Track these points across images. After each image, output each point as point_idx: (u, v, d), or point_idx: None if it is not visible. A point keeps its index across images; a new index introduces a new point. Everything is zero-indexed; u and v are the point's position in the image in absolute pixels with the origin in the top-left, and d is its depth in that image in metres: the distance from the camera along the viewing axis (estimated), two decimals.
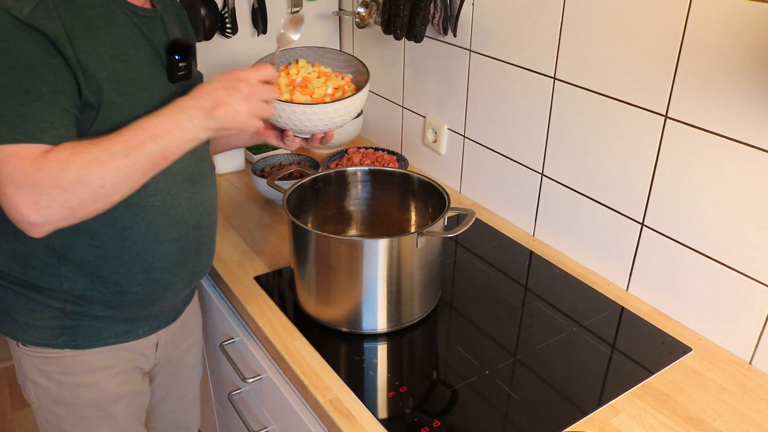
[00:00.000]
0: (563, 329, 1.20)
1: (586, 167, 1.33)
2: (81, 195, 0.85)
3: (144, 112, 0.97)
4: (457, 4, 1.46)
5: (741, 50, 1.00)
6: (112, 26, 0.96)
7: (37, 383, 1.13)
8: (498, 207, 1.60)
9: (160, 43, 1.04)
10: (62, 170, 0.84)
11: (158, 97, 1.01)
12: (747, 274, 1.09)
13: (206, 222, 1.14)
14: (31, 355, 1.10)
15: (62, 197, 0.84)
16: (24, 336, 1.08)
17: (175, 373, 1.33)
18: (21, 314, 1.07)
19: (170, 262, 1.09)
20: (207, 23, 1.71)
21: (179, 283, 1.13)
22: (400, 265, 1.13)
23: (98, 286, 1.05)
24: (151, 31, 1.03)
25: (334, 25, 1.99)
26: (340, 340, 1.17)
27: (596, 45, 1.23)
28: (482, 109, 1.55)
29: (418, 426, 0.98)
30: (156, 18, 1.05)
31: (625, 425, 0.99)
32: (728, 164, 1.07)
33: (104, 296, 1.06)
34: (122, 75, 0.96)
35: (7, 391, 2.46)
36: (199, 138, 0.93)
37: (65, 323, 1.07)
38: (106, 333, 1.11)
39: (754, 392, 1.06)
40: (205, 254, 1.17)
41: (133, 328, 1.14)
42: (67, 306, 1.06)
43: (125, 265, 1.04)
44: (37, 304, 1.06)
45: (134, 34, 1.00)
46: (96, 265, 1.03)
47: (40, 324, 1.07)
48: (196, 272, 1.16)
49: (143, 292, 1.08)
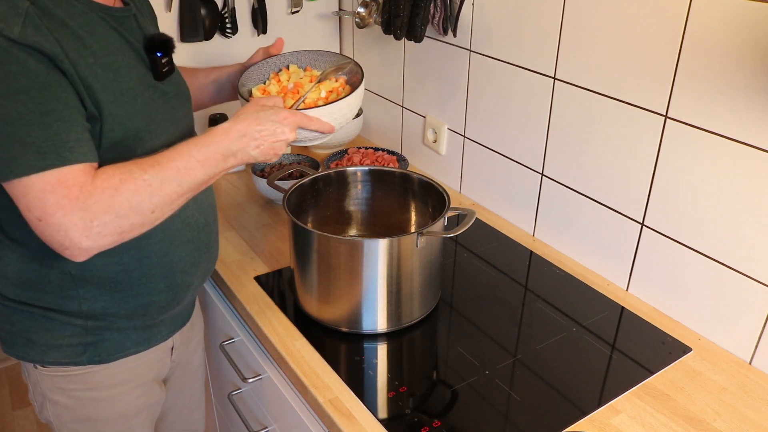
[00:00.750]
0: (563, 329, 1.20)
1: (586, 167, 1.33)
2: (132, 220, 0.87)
3: (140, 120, 0.96)
4: (457, 4, 1.46)
5: (741, 50, 1.00)
6: (95, 35, 0.92)
7: (57, 402, 1.10)
8: (498, 207, 1.60)
9: (139, 42, 1.00)
10: (113, 197, 0.85)
11: (150, 100, 0.99)
12: (747, 274, 1.09)
13: (212, 218, 1.15)
14: (51, 376, 1.07)
15: (114, 223, 0.85)
16: (44, 357, 1.05)
17: (183, 375, 1.32)
18: (39, 335, 1.04)
19: (188, 264, 1.09)
20: (207, 23, 1.71)
21: (197, 282, 1.14)
22: (400, 265, 1.13)
23: (119, 301, 1.04)
24: (128, 31, 0.99)
25: (334, 25, 1.99)
26: (340, 340, 1.17)
27: (596, 45, 1.23)
28: (482, 109, 1.55)
29: (418, 426, 0.98)
30: (130, 16, 1.01)
31: (625, 425, 0.99)
32: (728, 164, 1.07)
33: (127, 310, 1.05)
34: (115, 85, 0.93)
35: (7, 391, 2.46)
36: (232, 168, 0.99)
37: (87, 339, 1.05)
38: (128, 343, 1.09)
39: (754, 392, 1.06)
40: (214, 249, 1.18)
41: (153, 335, 1.13)
42: (88, 322, 1.04)
43: (146, 275, 1.03)
44: (56, 323, 1.03)
45: (116, 39, 0.96)
46: (116, 281, 1.02)
47: (61, 343, 1.04)
48: (209, 268, 1.17)
49: (166, 298, 1.08)
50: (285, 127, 1.00)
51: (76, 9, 0.91)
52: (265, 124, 0.99)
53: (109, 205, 0.84)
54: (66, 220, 0.83)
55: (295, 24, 1.90)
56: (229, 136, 0.96)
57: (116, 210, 0.85)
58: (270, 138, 0.99)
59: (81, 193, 0.83)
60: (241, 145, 0.97)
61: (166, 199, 0.90)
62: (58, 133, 0.83)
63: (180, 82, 1.11)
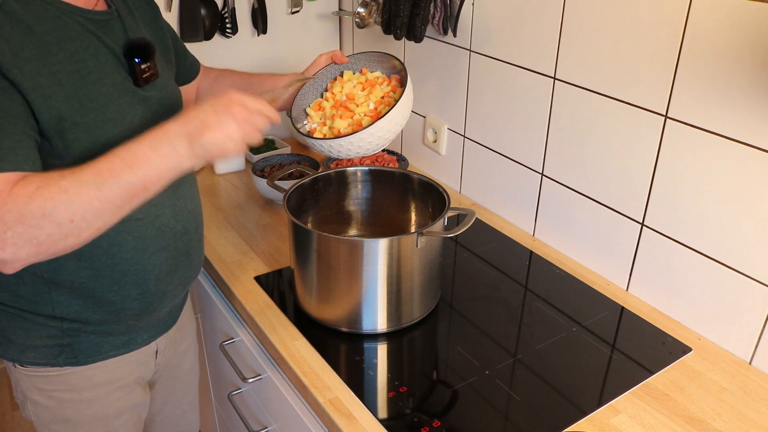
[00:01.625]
0: (563, 329, 1.20)
1: (586, 167, 1.33)
2: (47, 230, 0.78)
3: (113, 127, 0.92)
4: (457, 4, 1.46)
5: (741, 50, 1.00)
6: (65, 41, 0.88)
7: (36, 402, 1.10)
8: (498, 207, 1.60)
9: (120, 46, 0.97)
10: (26, 205, 0.77)
11: (126, 107, 0.96)
12: (747, 274, 1.09)
13: (192, 225, 1.11)
14: (30, 375, 1.07)
15: (28, 234, 0.77)
16: (21, 357, 1.05)
17: (173, 377, 1.32)
18: (17, 335, 1.04)
19: (162, 272, 1.06)
20: (207, 23, 1.71)
21: (173, 291, 1.12)
22: (400, 265, 1.13)
23: (92, 306, 1.02)
24: (108, 35, 0.95)
25: (334, 25, 1.99)
26: (340, 340, 1.17)
27: (596, 45, 1.23)
28: (482, 109, 1.55)
29: (418, 426, 0.98)
30: (113, 19, 0.97)
31: (625, 425, 0.99)
32: (728, 164, 1.07)
33: (100, 315, 1.04)
34: (83, 92, 0.89)
35: (7, 391, 2.46)
36: (182, 167, 0.85)
37: (63, 341, 1.04)
38: (106, 346, 1.08)
39: (754, 392, 1.06)
40: (196, 257, 1.15)
41: (131, 339, 1.12)
42: (64, 324, 1.03)
43: (117, 283, 1.01)
44: (33, 324, 1.03)
45: (91, 44, 0.92)
46: (88, 287, 1.00)
47: (38, 344, 1.04)
48: (188, 276, 1.15)
49: (139, 306, 1.06)
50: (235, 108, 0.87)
51: (48, 12, 0.88)
52: (213, 106, 0.87)
53: (20, 213, 0.77)
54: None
55: (295, 24, 1.90)
56: (166, 126, 0.85)
57: (28, 219, 0.77)
58: (216, 122, 0.85)
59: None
60: (178, 131, 0.84)
61: (86, 207, 0.79)
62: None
63: (167, 87, 1.07)
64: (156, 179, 0.84)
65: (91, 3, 0.96)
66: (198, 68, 1.32)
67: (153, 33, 1.10)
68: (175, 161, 0.84)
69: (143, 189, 0.83)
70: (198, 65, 1.32)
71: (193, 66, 1.30)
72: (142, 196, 0.84)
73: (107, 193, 0.80)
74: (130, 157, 0.82)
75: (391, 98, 1.18)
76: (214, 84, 1.32)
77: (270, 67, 1.89)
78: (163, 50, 1.13)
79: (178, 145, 0.84)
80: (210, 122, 0.85)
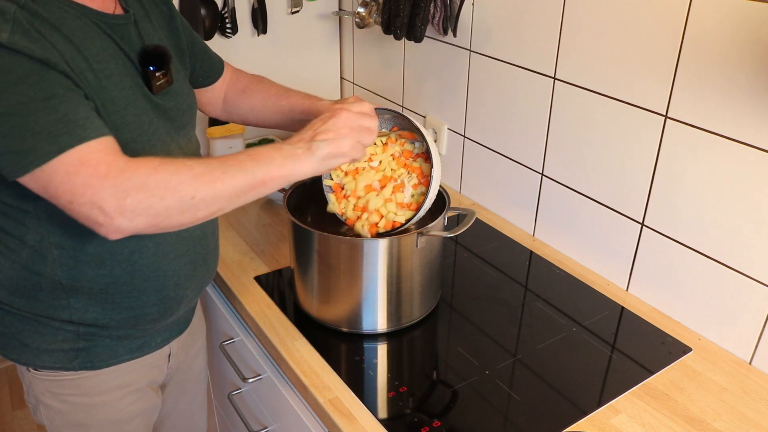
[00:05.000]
0: (563, 329, 1.20)
1: (586, 167, 1.33)
2: (168, 202, 0.81)
3: (131, 130, 0.93)
4: (457, 4, 1.46)
5: (741, 50, 1.00)
6: (88, 41, 0.89)
7: (49, 406, 1.09)
8: (498, 207, 1.60)
9: (135, 51, 0.97)
10: (149, 175, 0.80)
11: (141, 112, 0.96)
12: (747, 274, 1.09)
13: (210, 230, 1.12)
14: (43, 379, 1.06)
15: (146, 203, 0.80)
16: (36, 361, 1.04)
17: (184, 380, 1.31)
18: (31, 339, 1.03)
19: (181, 277, 1.06)
20: (207, 23, 1.71)
21: (191, 295, 1.12)
22: (400, 265, 1.13)
23: (110, 312, 1.02)
24: (124, 39, 0.96)
25: (334, 25, 1.99)
26: (340, 340, 1.17)
27: (596, 45, 1.23)
28: (482, 109, 1.55)
29: (418, 426, 0.98)
30: (129, 24, 0.98)
31: (625, 425, 0.99)
32: (728, 164, 1.07)
33: (118, 321, 1.03)
34: (106, 93, 0.90)
35: (7, 391, 2.46)
36: (302, 170, 0.92)
37: (79, 345, 1.04)
38: (121, 350, 1.08)
39: (754, 392, 1.06)
40: (212, 261, 1.16)
41: (146, 343, 1.11)
42: (80, 328, 1.03)
43: (137, 289, 1.01)
44: (49, 329, 1.02)
45: (110, 47, 0.93)
46: (107, 293, 1.00)
47: (53, 348, 1.03)
48: (205, 280, 1.15)
49: (157, 311, 1.06)
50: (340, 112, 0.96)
51: (68, 14, 0.88)
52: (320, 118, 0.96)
53: (143, 182, 0.80)
54: (97, 198, 0.79)
55: (295, 24, 1.90)
56: (285, 141, 0.94)
57: (151, 188, 0.80)
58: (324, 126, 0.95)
59: (110, 171, 0.80)
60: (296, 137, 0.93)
61: (209, 185, 0.83)
62: (66, 114, 0.80)
63: (180, 94, 1.06)
64: (277, 177, 0.89)
65: (110, 7, 0.96)
66: (220, 70, 1.26)
67: (168, 35, 1.10)
68: (296, 162, 0.91)
69: (262, 183, 0.88)
70: (220, 68, 1.26)
71: (214, 68, 1.25)
72: (258, 191, 0.89)
73: (231, 178, 0.85)
74: (254, 153, 0.89)
75: (401, 154, 1.15)
76: (241, 98, 1.26)
77: (270, 67, 1.89)
78: (177, 53, 1.12)
79: (297, 147, 0.92)
80: (318, 128, 0.94)
